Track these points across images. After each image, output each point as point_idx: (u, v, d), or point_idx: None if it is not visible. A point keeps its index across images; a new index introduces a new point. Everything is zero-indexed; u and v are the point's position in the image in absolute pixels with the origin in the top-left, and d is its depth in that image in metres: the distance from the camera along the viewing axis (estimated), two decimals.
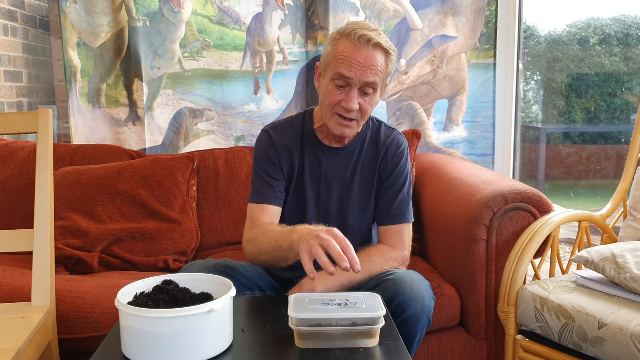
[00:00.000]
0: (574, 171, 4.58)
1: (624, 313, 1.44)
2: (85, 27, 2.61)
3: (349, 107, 1.46)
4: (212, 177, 2.36)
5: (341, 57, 1.44)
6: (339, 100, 1.47)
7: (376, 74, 1.45)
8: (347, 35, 1.45)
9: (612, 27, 4.28)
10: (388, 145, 1.62)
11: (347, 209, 1.62)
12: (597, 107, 4.37)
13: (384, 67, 1.47)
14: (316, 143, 1.63)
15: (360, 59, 1.43)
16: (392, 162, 1.61)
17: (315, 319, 1.15)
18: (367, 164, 1.62)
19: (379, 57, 1.45)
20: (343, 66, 1.44)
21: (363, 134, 1.63)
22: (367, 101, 1.48)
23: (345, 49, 1.44)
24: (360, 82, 1.45)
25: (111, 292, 1.73)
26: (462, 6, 2.61)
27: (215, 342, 1.13)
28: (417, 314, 1.37)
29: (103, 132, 2.70)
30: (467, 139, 2.72)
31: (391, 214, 1.60)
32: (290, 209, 1.65)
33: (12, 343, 1.31)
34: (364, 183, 1.62)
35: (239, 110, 2.70)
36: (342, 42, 1.45)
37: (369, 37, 1.42)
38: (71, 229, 2.13)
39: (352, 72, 1.43)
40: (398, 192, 1.61)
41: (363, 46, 1.43)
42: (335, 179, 1.62)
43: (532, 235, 1.73)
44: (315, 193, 1.63)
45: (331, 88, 1.48)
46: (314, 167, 1.62)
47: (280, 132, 1.64)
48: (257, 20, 2.65)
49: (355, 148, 1.62)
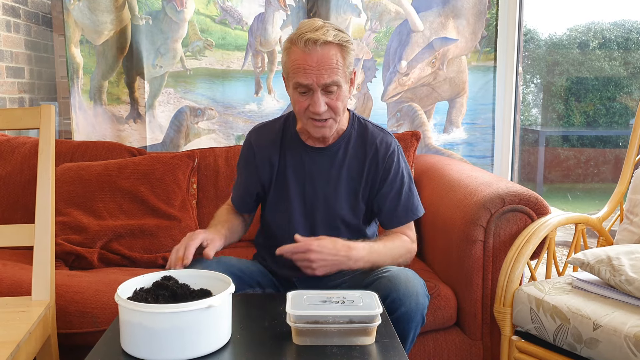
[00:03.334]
0: (572, 174, 4.59)
1: (618, 315, 1.46)
2: (89, 24, 2.62)
3: (316, 111, 1.47)
4: (213, 175, 2.37)
5: (295, 66, 1.45)
6: (307, 106, 1.49)
7: (333, 72, 1.44)
8: (295, 43, 1.45)
9: (612, 32, 4.29)
10: (377, 147, 1.61)
11: (334, 208, 1.62)
12: (596, 111, 4.38)
13: (341, 60, 1.46)
14: (299, 144, 1.63)
15: (312, 63, 1.43)
16: (385, 165, 1.61)
17: (312, 317, 1.16)
18: (355, 163, 1.62)
19: (332, 54, 1.44)
20: (299, 75, 1.45)
21: (348, 133, 1.63)
22: (334, 98, 1.48)
23: (297, 57, 1.45)
24: (319, 85, 1.45)
25: (111, 287, 1.74)
26: (463, 9, 2.63)
27: (214, 338, 1.15)
28: (410, 312, 1.38)
29: (104, 130, 2.71)
30: (467, 141, 2.74)
31: (398, 216, 1.61)
32: (275, 208, 1.67)
33: (12, 336, 1.32)
34: (351, 182, 1.62)
35: (240, 110, 2.72)
36: (293, 51, 1.46)
37: (315, 39, 1.42)
38: (71, 225, 2.14)
39: (309, 78, 1.44)
40: (399, 193, 1.61)
41: (312, 50, 1.42)
42: (320, 178, 1.62)
43: (529, 237, 1.74)
44: (300, 192, 1.63)
45: (297, 96, 1.49)
46: (297, 166, 1.63)
47: (262, 134, 1.68)
48: (259, 21, 2.66)
49: (340, 147, 1.62)
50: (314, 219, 1.63)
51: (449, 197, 1.99)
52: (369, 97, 2.70)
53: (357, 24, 2.66)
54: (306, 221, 1.63)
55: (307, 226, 1.63)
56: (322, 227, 1.62)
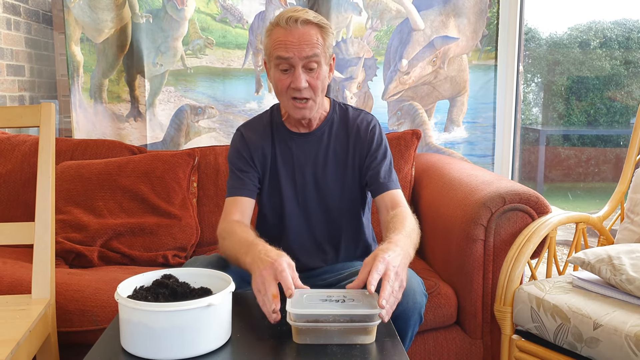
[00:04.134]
0: (572, 173, 4.59)
1: (619, 314, 1.46)
2: (89, 22, 2.62)
3: (298, 86, 1.50)
4: (213, 174, 2.37)
5: (277, 43, 1.49)
6: (288, 83, 1.51)
7: (314, 47, 1.48)
8: (277, 24, 1.50)
9: (613, 31, 4.28)
10: (358, 125, 1.65)
11: (325, 192, 1.65)
12: (597, 110, 4.38)
13: (321, 40, 1.50)
14: (285, 132, 1.66)
15: (293, 39, 1.47)
16: (366, 139, 1.64)
17: (313, 315, 1.16)
18: (339, 145, 1.65)
19: (312, 32, 1.49)
20: (280, 49, 1.49)
21: (330, 117, 1.66)
22: (315, 76, 1.51)
23: (279, 35, 1.49)
24: (301, 59, 1.48)
25: (111, 286, 1.74)
26: (464, 8, 2.62)
27: (214, 337, 1.15)
28: (408, 310, 1.38)
29: (104, 128, 2.71)
30: (468, 139, 2.73)
31: (381, 182, 1.61)
32: (269, 200, 1.68)
33: (12, 334, 1.32)
34: (338, 164, 1.65)
35: (241, 109, 2.71)
36: (275, 31, 1.50)
37: (297, 17, 1.47)
38: (71, 223, 2.14)
39: (289, 51, 1.48)
40: (381, 162, 1.63)
41: (293, 27, 1.47)
42: (308, 164, 1.65)
43: (529, 236, 1.74)
44: (291, 181, 1.65)
45: (278, 75, 1.52)
46: (285, 155, 1.65)
47: (251, 128, 1.69)
48: (259, 19, 2.66)
49: (324, 131, 1.65)
50: (307, 205, 1.65)
51: (450, 196, 1.99)
52: (369, 96, 2.70)
53: (357, 22, 2.65)
54: (300, 209, 1.65)
55: (301, 214, 1.65)
56: (316, 213, 1.65)
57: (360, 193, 1.68)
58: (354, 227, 1.69)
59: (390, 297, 1.21)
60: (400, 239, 1.37)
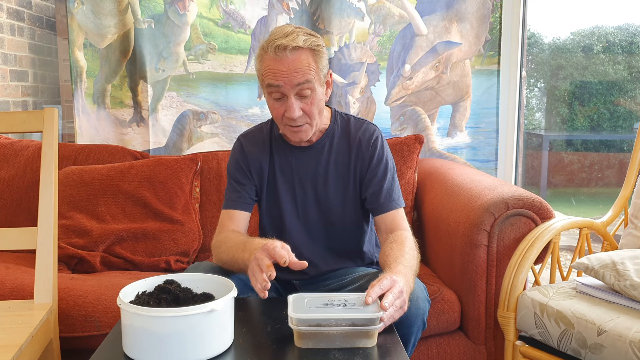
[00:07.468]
0: (576, 179, 4.58)
1: (623, 320, 1.45)
2: (92, 28, 2.63)
3: (291, 116, 1.47)
4: (215, 179, 2.37)
5: (266, 72, 1.46)
6: (282, 112, 1.49)
7: (305, 73, 1.44)
8: (266, 51, 1.45)
9: (616, 36, 4.28)
10: (360, 137, 1.62)
11: (326, 206, 1.62)
12: (600, 115, 4.37)
13: (313, 64, 1.46)
14: (285, 145, 1.64)
15: (283, 68, 1.43)
16: (367, 152, 1.61)
17: (314, 320, 1.15)
18: (341, 158, 1.62)
19: (303, 58, 1.45)
20: (270, 78, 1.45)
21: (331, 130, 1.63)
22: (309, 102, 1.48)
23: (268, 64, 1.45)
24: (292, 87, 1.45)
25: (113, 291, 1.74)
26: (467, 13, 2.62)
27: (216, 342, 1.14)
28: (411, 316, 1.37)
29: (107, 133, 2.71)
30: (471, 145, 2.73)
31: (382, 203, 1.59)
32: (267, 213, 1.66)
33: (14, 340, 1.32)
34: (340, 177, 1.62)
35: (243, 114, 2.72)
36: (265, 58, 1.47)
37: (285, 45, 1.42)
38: (74, 229, 2.15)
39: (280, 80, 1.44)
40: (382, 180, 1.60)
41: (282, 56, 1.43)
42: (308, 178, 1.62)
43: (532, 241, 1.73)
44: (291, 195, 1.63)
45: (272, 103, 1.50)
46: (285, 169, 1.63)
47: (250, 139, 1.67)
48: (262, 24, 2.66)
49: (325, 144, 1.62)
50: (308, 219, 1.63)
51: (453, 201, 1.98)
52: (372, 101, 2.70)
53: (360, 27, 2.66)
54: (300, 222, 1.63)
55: (301, 227, 1.63)
56: (318, 229, 1.63)
57: (363, 205, 1.65)
58: (357, 240, 1.67)
59: (392, 306, 1.21)
60: (401, 269, 1.36)
